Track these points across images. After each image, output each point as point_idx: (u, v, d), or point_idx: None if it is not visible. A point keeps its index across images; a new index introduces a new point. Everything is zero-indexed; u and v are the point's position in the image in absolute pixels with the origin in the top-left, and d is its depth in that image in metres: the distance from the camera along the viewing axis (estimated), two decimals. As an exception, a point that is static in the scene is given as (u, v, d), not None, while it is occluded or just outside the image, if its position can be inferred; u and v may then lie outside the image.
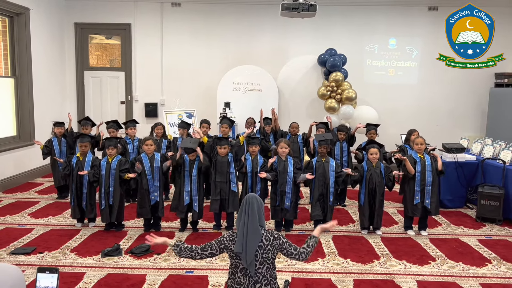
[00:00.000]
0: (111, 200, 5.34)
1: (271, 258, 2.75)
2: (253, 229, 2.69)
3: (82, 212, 5.57)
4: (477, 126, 9.60)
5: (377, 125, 6.84)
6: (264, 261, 2.72)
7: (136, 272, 4.33)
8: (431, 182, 5.37)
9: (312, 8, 6.24)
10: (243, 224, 2.71)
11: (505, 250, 5.05)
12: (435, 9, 9.36)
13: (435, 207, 5.42)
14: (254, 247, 2.68)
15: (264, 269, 2.72)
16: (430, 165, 5.40)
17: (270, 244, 2.73)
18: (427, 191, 5.36)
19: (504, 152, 6.48)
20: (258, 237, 2.70)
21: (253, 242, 2.68)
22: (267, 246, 2.72)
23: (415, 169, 5.39)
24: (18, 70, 7.95)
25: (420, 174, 5.37)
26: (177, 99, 9.34)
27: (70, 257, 4.66)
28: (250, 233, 2.68)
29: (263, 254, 2.71)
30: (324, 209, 5.48)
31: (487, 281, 4.25)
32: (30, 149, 8.08)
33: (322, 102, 8.70)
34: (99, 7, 9.43)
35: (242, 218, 2.74)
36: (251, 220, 2.71)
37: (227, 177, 5.43)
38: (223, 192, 5.42)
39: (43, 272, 1.98)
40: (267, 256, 2.72)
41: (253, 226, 2.70)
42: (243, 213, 2.75)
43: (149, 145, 5.41)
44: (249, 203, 2.74)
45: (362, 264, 4.60)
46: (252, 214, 2.72)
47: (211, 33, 9.49)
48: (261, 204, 2.81)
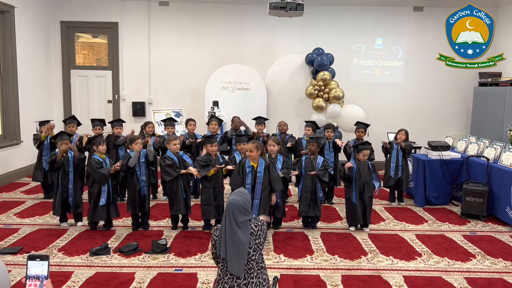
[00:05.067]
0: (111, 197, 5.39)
1: (262, 243, 2.79)
2: (234, 243, 2.67)
3: (67, 208, 5.51)
4: (462, 124, 9.76)
5: (367, 125, 6.90)
6: (257, 247, 2.75)
7: (125, 271, 4.32)
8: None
9: (300, 8, 6.28)
10: (224, 232, 2.70)
11: (489, 246, 5.15)
12: (421, 9, 9.49)
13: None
14: (236, 257, 2.68)
15: (257, 256, 2.75)
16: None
17: (260, 229, 2.78)
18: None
19: (488, 150, 6.61)
20: (243, 248, 2.68)
21: (234, 252, 2.68)
22: (257, 232, 2.75)
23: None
24: (3, 69, 7.84)
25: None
26: (165, 98, 9.31)
27: (57, 257, 4.62)
28: (230, 245, 2.67)
29: (256, 240, 2.74)
30: (312, 206, 5.52)
31: (471, 275, 4.34)
32: (15, 149, 7.99)
33: (310, 101, 8.76)
34: (86, 5, 9.35)
35: (222, 225, 2.73)
36: (230, 233, 2.68)
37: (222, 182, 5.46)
38: (219, 198, 5.43)
39: (33, 260, 1.93)
40: (259, 241, 2.76)
41: (233, 239, 2.67)
42: (224, 220, 2.73)
43: (138, 143, 5.41)
44: (227, 212, 2.71)
45: (350, 260, 4.65)
46: (230, 226, 2.68)
47: (199, 32, 9.48)
48: (242, 204, 2.73)
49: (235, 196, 2.78)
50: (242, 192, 2.85)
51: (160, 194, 7.11)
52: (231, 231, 2.68)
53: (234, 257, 2.68)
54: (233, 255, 2.68)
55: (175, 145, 5.48)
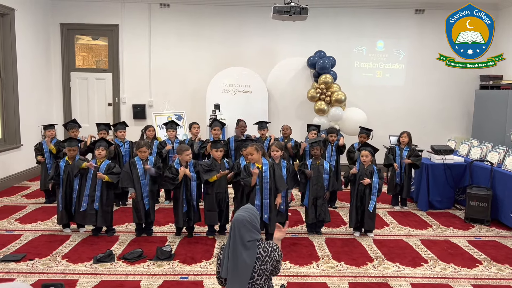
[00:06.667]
0: (96, 205, 5.28)
1: (269, 270, 2.67)
2: (237, 264, 2.57)
3: (70, 217, 5.48)
4: (463, 127, 9.76)
5: (369, 130, 6.87)
6: (262, 273, 2.64)
7: (130, 279, 4.28)
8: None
9: (304, 12, 6.24)
10: (227, 252, 2.62)
11: (494, 251, 5.14)
12: (422, 11, 9.48)
13: None
14: (238, 281, 2.58)
15: (263, 281, 2.66)
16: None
17: (269, 255, 2.66)
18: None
19: (491, 154, 6.60)
20: (247, 271, 2.59)
21: (236, 273, 2.58)
22: (265, 258, 2.64)
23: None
24: (3, 71, 7.77)
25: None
26: (166, 101, 9.26)
27: (61, 264, 4.57)
28: (232, 266, 2.58)
29: (262, 265, 2.63)
30: (318, 210, 5.49)
31: (479, 282, 4.32)
32: (16, 152, 7.92)
33: (311, 104, 8.73)
34: (86, 8, 9.29)
35: (227, 244, 2.65)
36: (233, 253, 2.58)
37: (226, 187, 5.42)
38: (222, 203, 5.39)
39: None
40: (265, 267, 2.65)
41: (236, 259, 2.58)
42: (230, 238, 2.64)
43: (142, 152, 5.37)
44: (233, 229, 2.62)
45: (356, 267, 4.63)
46: (234, 245, 2.58)
47: (200, 34, 9.44)
48: (249, 220, 2.63)
49: (242, 212, 2.67)
50: (249, 208, 2.75)
51: (162, 198, 7.06)
52: (235, 251, 2.57)
53: (235, 280, 2.57)
54: (235, 277, 2.57)
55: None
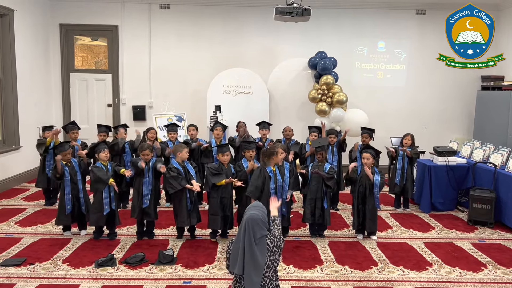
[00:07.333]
0: (113, 205, 5.29)
1: (277, 260, 2.75)
2: (252, 261, 2.64)
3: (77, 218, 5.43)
4: (465, 128, 9.73)
5: (371, 130, 6.84)
6: (271, 264, 2.71)
7: (132, 283, 4.22)
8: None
9: (306, 13, 6.19)
10: (242, 250, 2.66)
11: (499, 254, 5.11)
12: (423, 12, 9.45)
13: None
14: (253, 275, 2.65)
15: (271, 273, 2.72)
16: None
17: (276, 245, 2.73)
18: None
19: (494, 156, 6.57)
20: (260, 266, 2.66)
21: (252, 269, 2.64)
22: (272, 248, 2.71)
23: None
24: (2, 72, 7.70)
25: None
26: (167, 102, 9.20)
27: (62, 268, 4.52)
28: (248, 263, 2.64)
29: (271, 256, 2.70)
30: (317, 213, 5.45)
31: (484, 286, 4.28)
32: (15, 154, 7.86)
33: (313, 105, 8.69)
34: (85, 8, 9.22)
35: (239, 240, 2.69)
36: (249, 251, 2.64)
37: (231, 192, 5.37)
38: (227, 208, 5.33)
39: None
40: (274, 258, 2.72)
41: (252, 257, 2.64)
42: (240, 235, 2.69)
43: (146, 155, 5.32)
44: (246, 227, 2.66)
45: (360, 271, 4.58)
46: (250, 243, 2.64)
47: (200, 35, 9.38)
48: (262, 218, 2.70)
49: (254, 210, 2.73)
50: (259, 206, 2.82)
51: (163, 201, 7.01)
52: (250, 249, 2.63)
53: (251, 275, 2.64)
54: (251, 273, 2.64)
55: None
